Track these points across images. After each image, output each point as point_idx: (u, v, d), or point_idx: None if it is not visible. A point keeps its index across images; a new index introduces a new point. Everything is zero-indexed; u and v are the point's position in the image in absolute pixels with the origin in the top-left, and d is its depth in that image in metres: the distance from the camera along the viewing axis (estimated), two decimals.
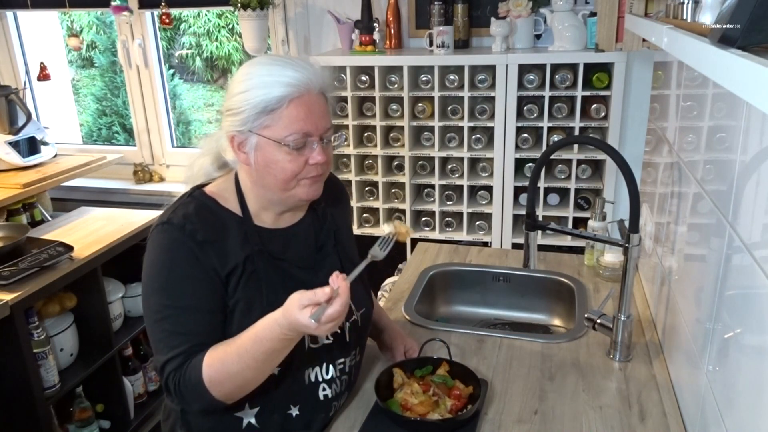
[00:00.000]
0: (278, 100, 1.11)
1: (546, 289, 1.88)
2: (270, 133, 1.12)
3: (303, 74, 1.12)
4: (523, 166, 2.60)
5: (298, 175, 1.15)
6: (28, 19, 3.48)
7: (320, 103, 1.15)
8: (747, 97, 0.60)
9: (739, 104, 0.96)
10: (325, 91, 1.17)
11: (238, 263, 1.16)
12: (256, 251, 1.18)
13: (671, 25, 1.02)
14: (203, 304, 1.14)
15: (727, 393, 0.97)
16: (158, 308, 1.14)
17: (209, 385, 1.09)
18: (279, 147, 1.13)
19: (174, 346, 1.11)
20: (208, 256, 1.14)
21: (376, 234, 2.78)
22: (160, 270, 1.15)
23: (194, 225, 1.15)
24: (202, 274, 1.14)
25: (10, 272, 1.93)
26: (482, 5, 2.66)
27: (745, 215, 0.91)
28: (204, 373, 1.09)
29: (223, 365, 1.09)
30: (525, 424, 1.26)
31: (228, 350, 1.10)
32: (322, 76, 1.16)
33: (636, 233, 1.38)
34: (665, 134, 1.58)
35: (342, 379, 1.29)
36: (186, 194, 1.23)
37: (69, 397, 2.22)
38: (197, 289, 1.14)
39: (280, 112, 1.11)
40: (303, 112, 1.12)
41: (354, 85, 2.61)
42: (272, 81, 1.11)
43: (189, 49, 5.39)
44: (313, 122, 1.13)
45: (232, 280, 1.16)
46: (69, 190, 3.32)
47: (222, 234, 1.17)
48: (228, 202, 1.22)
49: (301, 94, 1.12)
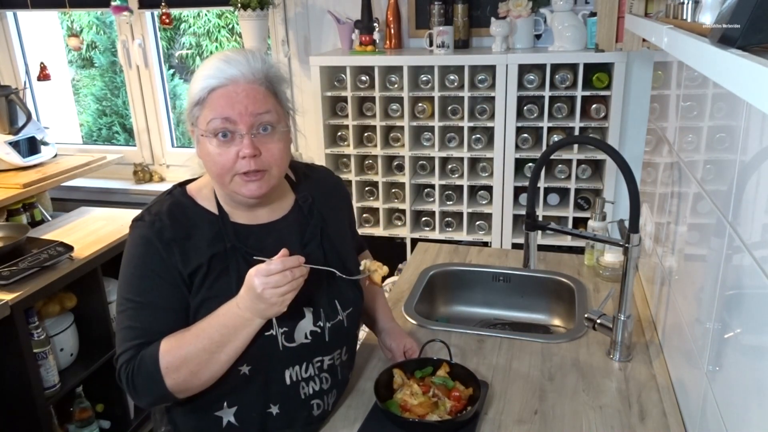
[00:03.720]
0: (201, 90, 1.13)
1: (546, 289, 1.88)
2: (199, 124, 1.15)
3: (233, 67, 1.12)
4: (523, 166, 2.60)
5: (233, 169, 1.14)
6: (28, 19, 3.48)
7: (249, 91, 1.13)
8: (747, 97, 0.60)
9: (739, 104, 0.96)
10: (263, 82, 1.15)
11: (202, 263, 1.16)
12: (229, 248, 1.18)
13: (671, 25, 1.02)
14: (163, 302, 1.15)
15: (727, 393, 0.97)
16: (120, 301, 1.17)
17: (165, 372, 1.10)
18: (207, 139, 1.13)
19: (128, 339, 1.14)
20: (173, 255, 1.15)
21: (376, 234, 2.78)
22: (127, 264, 1.18)
23: (163, 223, 1.17)
24: (165, 273, 1.15)
25: (10, 272, 1.93)
26: (482, 5, 2.66)
27: (745, 215, 0.91)
28: (161, 357, 1.10)
29: (180, 348, 1.11)
30: (525, 424, 1.26)
31: (186, 333, 1.13)
32: (259, 68, 1.15)
33: (636, 233, 1.38)
34: (665, 134, 1.58)
35: (322, 377, 1.27)
36: (167, 191, 1.26)
37: (69, 397, 2.22)
38: (158, 287, 1.15)
39: (204, 102, 1.13)
40: (224, 100, 1.12)
41: (354, 85, 2.61)
42: (203, 75, 1.13)
43: (189, 49, 5.39)
44: (235, 109, 1.11)
45: (196, 279, 1.16)
46: (69, 190, 3.32)
47: (189, 232, 1.18)
48: (205, 201, 1.23)
49: (224, 84, 1.12)
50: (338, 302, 1.28)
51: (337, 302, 1.27)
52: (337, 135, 2.73)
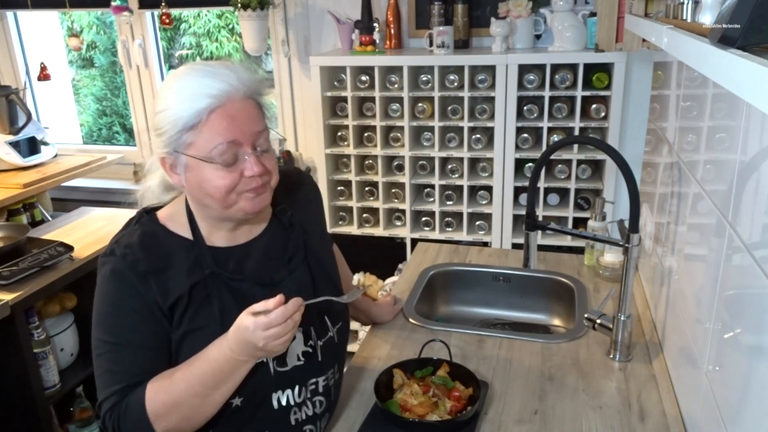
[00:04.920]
0: (197, 113, 1.03)
1: (546, 289, 1.88)
2: (195, 150, 1.04)
3: (222, 82, 1.04)
4: (523, 166, 2.60)
5: (236, 188, 1.07)
6: (28, 19, 3.48)
7: (247, 109, 1.06)
8: (747, 97, 0.60)
9: (739, 104, 0.96)
10: (253, 95, 1.09)
11: (182, 294, 1.09)
12: (208, 275, 1.11)
13: (671, 26, 1.02)
14: (143, 341, 1.08)
15: (727, 393, 0.97)
16: (97, 344, 1.10)
17: (153, 419, 1.04)
18: (207, 164, 1.05)
19: (110, 384, 1.07)
20: (150, 290, 1.08)
21: (376, 234, 2.78)
22: (101, 303, 1.10)
23: (136, 255, 1.09)
24: (143, 309, 1.08)
25: (10, 272, 1.93)
26: (482, 5, 2.66)
27: (745, 215, 0.91)
28: (147, 405, 1.04)
29: (168, 394, 1.04)
30: (525, 424, 1.26)
31: (174, 376, 1.05)
32: (249, 79, 1.08)
33: (636, 233, 1.38)
34: (665, 134, 1.58)
35: (315, 401, 1.21)
36: (134, 220, 1.17)
37: (69, 397, 2.22)
38: (137, 325, 1.08)
39: (201, 126, 1.03)
40: (226, 121, 1.03)
41: (354, 85, 2.61)
42: (190, 95, 1.03)
43: (189, 49, 5.39)
44: (240, 130, 1.04)
45: (177, 312, 1.09)
46: (69, 190, 3.32)
47: (166, 263, 1.10)
48: (178, 227, 1.15)
49: (222, 103, 1.03)
50: (328, 318, 1.23)
51: (327, 318, 1.23)
52: (337, 135, 2.73)
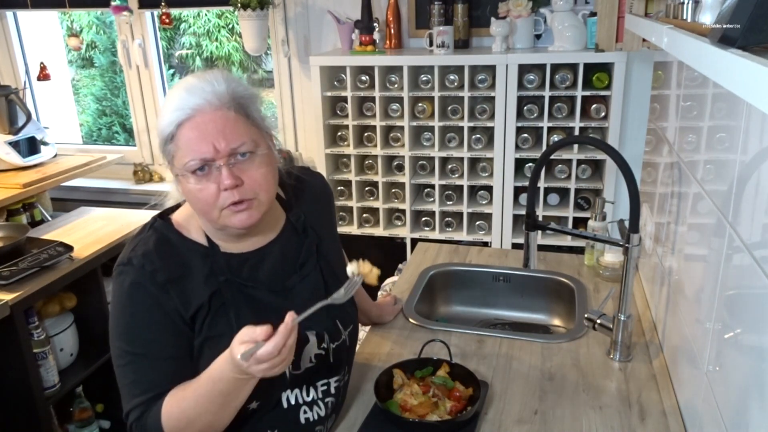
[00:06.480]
0: (168, 124, 1.04)
1: (546, 289, 1.88)
2: (177, 162, 1.06)
3: (195, 95, 1.04)
4: (523, 166, 2.60)
5: (215, 204, 1.06)
6: (28, 19, 3.48)
7: (220, 121, 1.04)
8: (747, 97, 0.60)
9: (739, 104, 0.96)
10: (234, 107, 1.06)
11: (203, 303, 1.09)
12: (223, 282, 1.11)
13: (671, 25, 1.02)
14: (166, 351, 1.08)
15: (727, 393, 0.97)
16: (120, 353, 1.09)
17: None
18: (185, 177, 1.06)
19: (135, 395, 1.07)
20: (171, 299, 1.08)
21: (376, 234, 2.78)
22: (121, 314, 1.10)
23: (154, 265, 1.08)
24: (165, 319, 1.08)
25: (10, 272, 1.93)
26: (482, 5, 2.66)
27: (745, 215, 0.91)
28: (163, 421, 1.04)
29: (181, 411, 1.05)
30: (525, 424, 1.26)
31: (185, 395, 1.05)
32: (224, 91, 1.06)
33: (636, 233, 1.38)
34: (665, 134, 1.58)
35: (326, 402, 1.22)
36: (148, 225, 1.16)
37: (69, 397, 2.22)
38: (159, 336, 1.08)
39: (177, 140, 1.05)
40: (195, 133, 1.03)
41: (354, 85, 2.61)
42: (168, 108, 1.05)
43: (189, 49, 5.39)
44: (209, 142, 1.03)
45: (198, 320, 1.10)
46: (69, 190, 3.32)
47: (184, 270, 1.10)
48: (192, 233, 1.15)
49: (190, 115, 1.03)
50: (339, 321, 1.24)
51: (339, 322, 1.24)
52: (337, 135, 2.73)
